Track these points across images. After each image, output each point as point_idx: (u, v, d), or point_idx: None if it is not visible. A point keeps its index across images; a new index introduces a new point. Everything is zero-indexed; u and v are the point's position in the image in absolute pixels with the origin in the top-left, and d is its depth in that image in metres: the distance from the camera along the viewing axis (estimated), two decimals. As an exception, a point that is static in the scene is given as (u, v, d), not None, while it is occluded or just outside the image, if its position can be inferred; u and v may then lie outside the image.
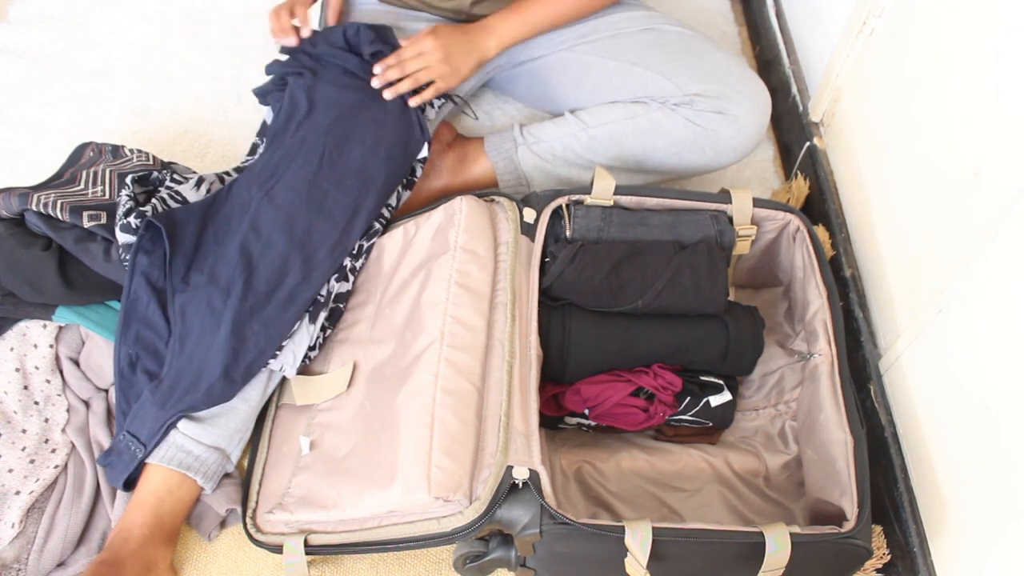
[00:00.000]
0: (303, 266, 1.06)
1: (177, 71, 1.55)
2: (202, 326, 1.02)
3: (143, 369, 1.04)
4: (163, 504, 1.02)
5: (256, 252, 1.05)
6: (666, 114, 1.21)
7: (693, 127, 1.20)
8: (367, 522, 0.95)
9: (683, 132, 1.21)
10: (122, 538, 0.99)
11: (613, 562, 0.90)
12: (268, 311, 1.04)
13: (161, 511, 1.01)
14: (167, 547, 1.02)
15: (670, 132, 1.21)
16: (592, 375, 1.09)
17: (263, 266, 1.04)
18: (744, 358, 1.11)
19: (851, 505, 0.92)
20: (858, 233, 1.23)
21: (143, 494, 1.02)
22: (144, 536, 0.99)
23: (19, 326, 1.13)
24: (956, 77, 0.98)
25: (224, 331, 1.01)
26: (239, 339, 1.02)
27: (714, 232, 1.11)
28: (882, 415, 1.09)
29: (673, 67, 1.22)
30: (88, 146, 1.26)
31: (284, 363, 1.06)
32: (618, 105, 1.25)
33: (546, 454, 1.02)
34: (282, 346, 1.05)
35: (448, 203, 1.12)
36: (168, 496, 1.02)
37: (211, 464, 1.04)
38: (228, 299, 1.03)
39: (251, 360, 1.03)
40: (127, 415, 1.04)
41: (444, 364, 0.97)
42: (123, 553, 0.98)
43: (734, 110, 1.20)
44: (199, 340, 1.02)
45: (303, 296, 1.06)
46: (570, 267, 1.06)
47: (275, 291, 1.04)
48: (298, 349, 1.07)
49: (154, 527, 1.00)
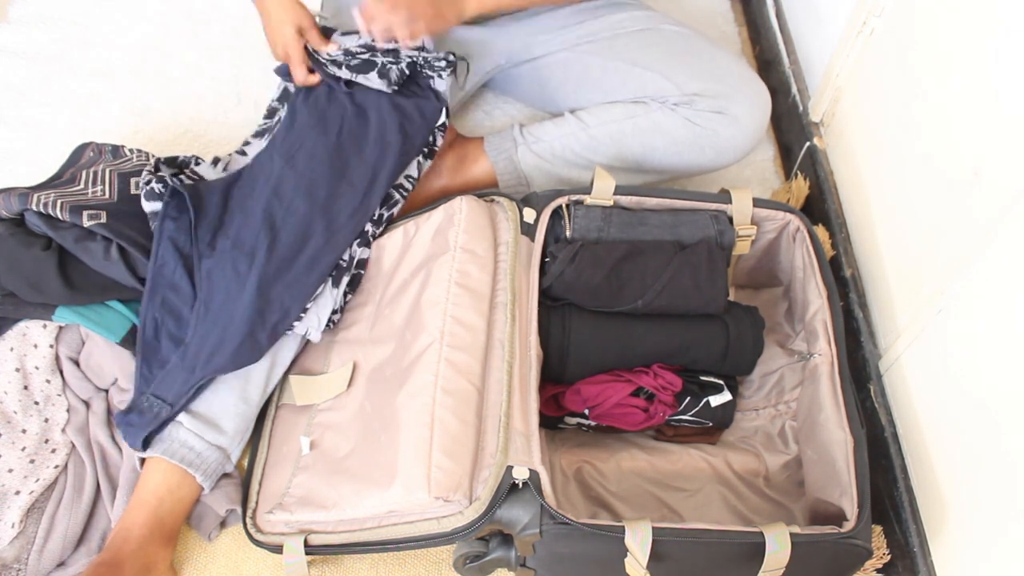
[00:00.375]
0: (325, 230, 1.09)
1: (177, 71, 1.55)
2: (227, 289, 1.05)
3: (167, 334, 1.06)
4: (163, 504, 1.02)
5: (279, 217, 1.08)
6: (666, 114, 1.21)
7: (693, 127, 1.20)
8: (367, 522, 0.95)
9: (683, 132, 1.21)
10: (122, 538, 0.99)
11: (613, 562, 0.90)
12: (292, 273, 1.06)
13: (161, 511, 1.01)
14: (167, 547, 1.02)
15: (670, 132, 1.21)
16: (592, 375, 1.09)
17: (286, 231, 1.08)
18: (744, 358, 1.11)
19: (851, 505, 0.92)
20: (858, 233, 1.23)
21: (143, 494, 1.02)
22: (144, 536, 0.99)
23: (19, 326, 1.13)
24: (956, 77, 0.98)
25: (249, 293, 1.04)
26: (264, 300, 1.04)
27: (714, 232, 1.11)
28: (882, 415, 1.09)
29: (672, 66, 1.22)
30: (88, 146, 1.26)
31: (309, 326, 1.08)
32: (618, 105, 1.24)
33: (546, 454, 1.02)
34: (307, 309, 1.08)
35: (448, 203, 1.12)
36: (168, 496, 1.02)
37: (212, 462, 1.04)
38: (253, 262, 1.05)
39: (276, 321, 1.05)
40: (149, 381, 1.05)
41: (444, 364, 0.97)
42: (123, 553, 0.98)
43: (734, 109, 1.19)
44: (225, 303, 1.04)
45: (326, 259, 1.09)
46: (570, 267, 1.06)
47: (298, 254, 1.07)
48: (322, 312, 1.09)
49: (154, 527, 1.00)
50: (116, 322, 1.10)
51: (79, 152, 1.25)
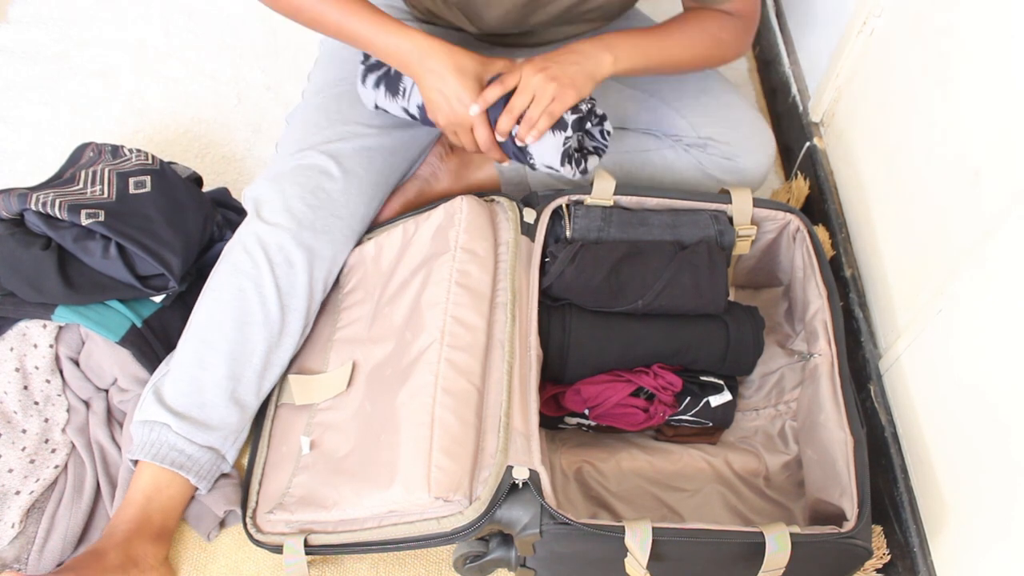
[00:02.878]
0: None
1: (177, 71, 1.55)
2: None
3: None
4: (151, 502, 1.02)
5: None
6: (679, 154, 1.21)
7: (702, 172, 1.21)
8: (367, 522, 0.95)
9: (692, 174, 1.21)
10: (108, 533, 1.00)
11: (613, 562, 0.90)
12: None
13: (149, 508, 1.02)
14: (156, 544, 1.02)
15: (680, 172, 1.22)
16: (592, 375, 1.09)
17: None
18: (744, 358, 1.11)
19: (851, 505, 0.92)
20: (858, 233, 1.23)
21: (132, 492, 1.02)
22: (129, 531, 1.00)
23: (19, 326, 1.13)
24: (956, 77, 0.98)
25: None
26: None
27: (714, 232, 1.11)
28: (882, 415, 1.09)
29: (689, 105, 1.21)
30: (88, 146, 1.26)
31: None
32: (630, 135, 1.24)
33: (546, 454, 1.02)
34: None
35: (448, 203, 1.12)
36: (157, 494, 1.02)
37: (204, 464, 1.04)
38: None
39: None
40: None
41: (444, 364, 0.97)
42: (107, 545, 0.98)
43: (742, 162, 1.20)
44: None
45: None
46: (570, 267, 1.06)
47: None
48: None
49: (141, 523, 1.01)
50: (116, 322, 1.10)
51: (79, 152, 1.25)
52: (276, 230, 1.07)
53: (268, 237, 1.07)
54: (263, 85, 1.53)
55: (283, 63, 1.56)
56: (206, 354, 1.05)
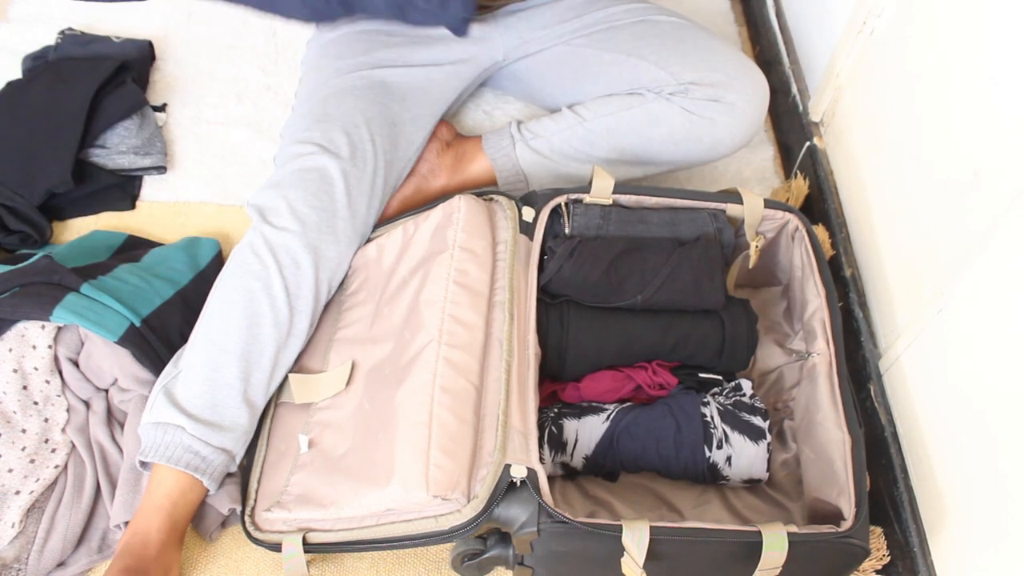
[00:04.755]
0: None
1: (177, 71, 1.55)
2: None
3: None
4: (176, 508, 1.01)
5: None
6: (662, 104, 1.21)
7: (690, 116, 1.20)
8: (365, 520, 0.95)
9: (680, 121, 1.21)
10: (142, 543, 0.98)
11: (611, 560, 0.89)
12: None
13: (175, 515, 1.01)
14: (179, 550, 1.03)
15: (667, 122, 1.21)
16: (591, 371, 1.09)
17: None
18: (739, 353, 1.10)
19: (848, 504, 0.92)
20: (858, 233, 1.23)
21: (157, 498, 1.01)
22: (163, 541, 0.99)
23: (17, 327, 1.13)
24: (956, 77, 0.98)
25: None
26: None
27: (712, 230, 1.11)
28: (882, 415, 1.09)
29: (667, 56, 1.22)
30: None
31: None
32: (615, 98, 1.24)
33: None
34: None
35: (447, 202, 1.12)
36: (181, 499, 1.02)
37: (217, 465, 1.04)
38: None
39: None
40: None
41: (442, 363, 0.97)
42: (146, 560, 0.97)
43: (730, 97, 1.19)
44: None
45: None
46: (569, 262, 1.06)
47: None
48: None
49: (171, 531, 1.00)
50: (114, 321, 1.10)
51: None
52: (284, 233, 1.08)
53: (276, 239, 1.08)
54: (263, 85, 1.54)
55: (283, 63, 1.56)
56: (218, 355, 1.04)
